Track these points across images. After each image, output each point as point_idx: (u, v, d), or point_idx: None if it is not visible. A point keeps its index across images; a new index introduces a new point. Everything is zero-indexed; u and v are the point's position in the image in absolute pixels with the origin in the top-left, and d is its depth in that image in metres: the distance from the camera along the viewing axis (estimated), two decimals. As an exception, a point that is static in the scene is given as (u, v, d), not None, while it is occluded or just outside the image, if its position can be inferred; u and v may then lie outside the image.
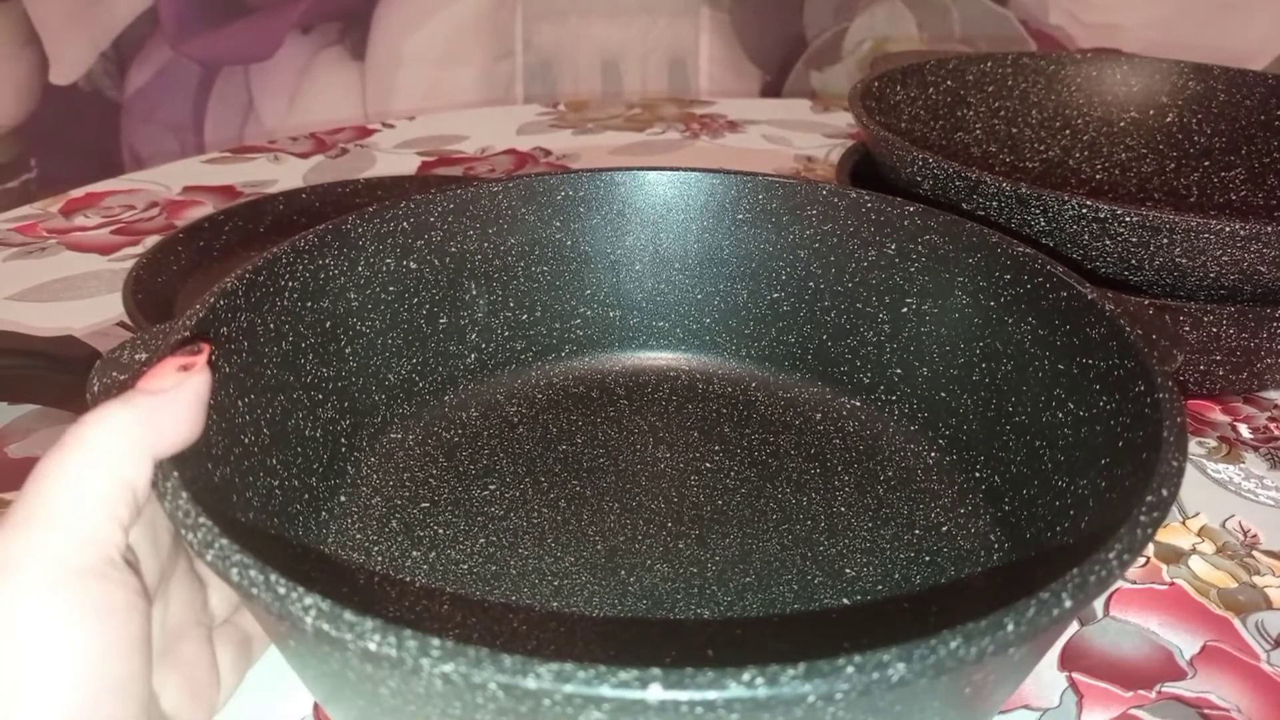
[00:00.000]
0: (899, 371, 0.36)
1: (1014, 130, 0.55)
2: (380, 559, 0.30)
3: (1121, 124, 0.56)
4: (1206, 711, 0.27)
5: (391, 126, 0.79)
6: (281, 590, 0.17)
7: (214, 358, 0.26)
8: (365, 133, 0.77)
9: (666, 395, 0.38)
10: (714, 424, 0.36)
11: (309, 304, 0.31)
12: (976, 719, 0.22)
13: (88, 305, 0.50)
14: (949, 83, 0.53)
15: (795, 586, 0.29)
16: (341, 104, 0.98)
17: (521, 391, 0.37)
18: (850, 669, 0.15)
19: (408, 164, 0.71)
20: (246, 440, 0.27)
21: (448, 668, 0.16)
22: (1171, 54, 0.57)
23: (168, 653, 0.23)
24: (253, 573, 0.18)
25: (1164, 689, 0.28)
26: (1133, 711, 0.28)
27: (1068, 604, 0.17)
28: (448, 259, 0.36)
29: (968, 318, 0.33)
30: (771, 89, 1.06)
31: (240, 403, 0.27)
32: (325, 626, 0.16)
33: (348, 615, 0.16)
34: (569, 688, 0.15)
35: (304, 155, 0.72)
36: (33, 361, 0.36)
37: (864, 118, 0.43)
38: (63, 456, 0.20)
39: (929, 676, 0.16)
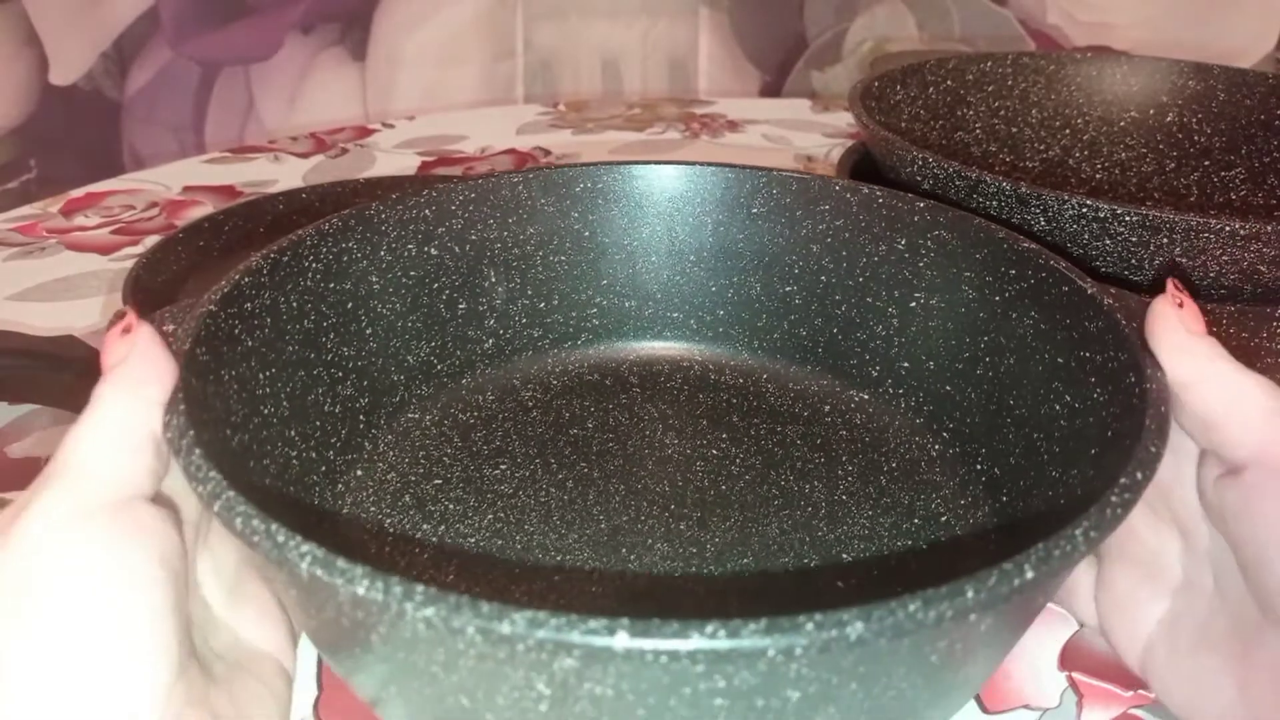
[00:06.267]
0: (906, 365, 0.36)
1: (1014, 130, 0.55)
2: (392, 531, 0.31)
3: (1121, 124, 0.55)
4: (1206, 711, 0.28)
5: (391, 126, 0.80)
6: (280, 539, 0.18)
7: (201, 346, 0.28)
8: (365, 133, 0.78)
9: (678, 384, 0.38)
10: (723, 413, 0.37)
11: (331, 285, 0.32)
12: (951, 693, 0.22)
13: (88, 305, 0.50)
14: (949, 82, 0.53)
15: (791, 569, 0.29)
16: (342, 104, 0.98)
17: (537, 377, 0.38)
18: (810, 625, 0.16)
19: (408, 164, 0.71)
20: (266, 411, 0.28)
21: (429, 612, 0.17)
22: (1163, 52, 0.57)
23: (234, 591, 0.26)
24: (255, 522, 0.19)
25: (1164, 689, 0.28)
26: (1133, 711, 0.28)
27: (1029, 575, 0.18)
28: (468, 246, 0.37)
29: (974, 312, 0.33)
30: (771, 89, 1.06)
31: (261, 375, 0.29)
32: (319, 572, 0.17)
33: (340, 563, 0.17)
34: (541, 633, 0.16)
35: (304, 155, 0.73)
36: (33, 361, 0.36)
37: (864, 117, 0.43)
38: (77, 426, 0.23)
39: (888, 637, 0.17)
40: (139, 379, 0.23)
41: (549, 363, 0.39)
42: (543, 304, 0.39)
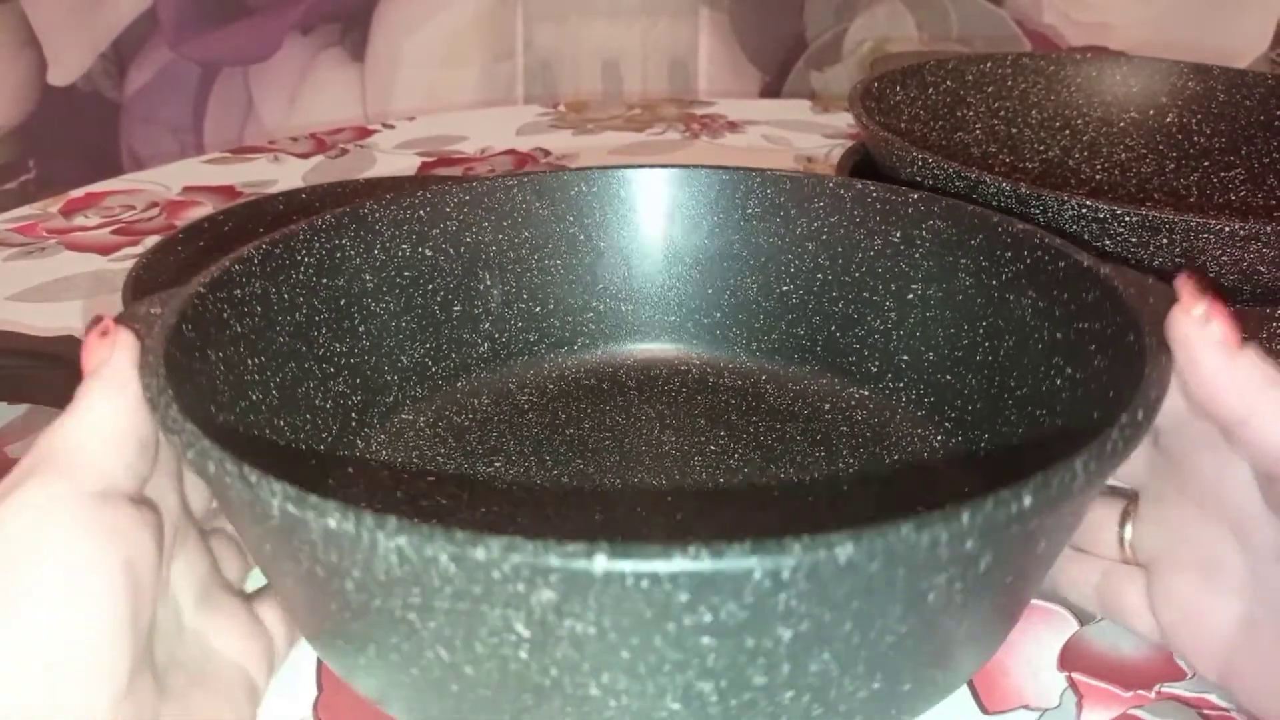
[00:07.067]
0: (905, 358, 0.36)
1: (1014, 130, 0.55)
2: None
3: (1121, 124, 0.55)
4: (1206, 712, 0.27)
5: (391, 127, 0.80)
6: (253, 480, 0.18)
7: (187, 323, 0.27)
8: (365, 133, 0.78)
9: (676, 387, 0.38)
10: (721, 413, 0.36)
11: (324, 280, 0.32)
12: (949, 652, 0.21)
13: (88, 305, 0.50)
14: (949, 83, 0.53)
15: None
16: (341, 104, 0.99)
17: (533, 381, 0.38)
18: (797, 546, 0.16)
19: (408, 164, 0.71)
20: (254, 397, 0.28)
21: (401, 540, 0.16)
22: (1160, 52, 0.57)
23: (204, 598, 0.25)
24: (227, 464, 0.18)
25: (1164, 689, 0.28)
26: (1133, 711, 0.27)
27: (1027, 502, 0.17)
28: (463, 249, 0.37)
29: (971, 298, 0.33)
30: (771, 89, 1.07)
31: (250, 361, 0.28)
32: (290, 508, 0.17)
33: (311, 499, 0.17)
34: (516, 558, 0.15)
35: (304, 156, 0.73)
36: (33, 361, 0.36)
37: (864, 118, 0.43)
38: (63, 420, 0.23)
39: (879, 561, 0.16)
40: (122, 378, 0.23)
41: (545, 367, 0.39)
42: (538, 308, 0.39)
